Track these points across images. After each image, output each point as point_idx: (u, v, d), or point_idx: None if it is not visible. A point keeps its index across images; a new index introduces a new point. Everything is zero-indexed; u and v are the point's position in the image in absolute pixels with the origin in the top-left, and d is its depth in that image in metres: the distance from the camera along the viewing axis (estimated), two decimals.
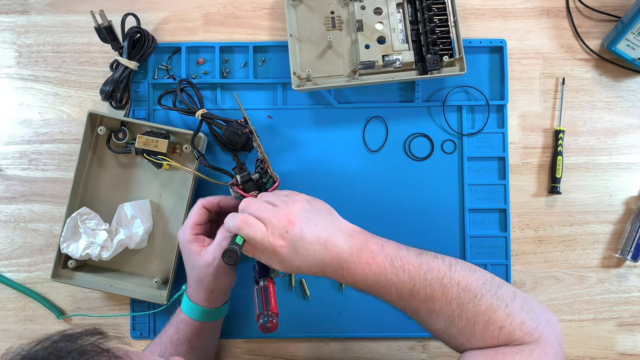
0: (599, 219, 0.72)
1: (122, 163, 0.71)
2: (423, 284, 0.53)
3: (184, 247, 0.62)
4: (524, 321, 0.52)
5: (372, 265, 0.54)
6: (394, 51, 0.66)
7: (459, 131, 0.71)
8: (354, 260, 0.54)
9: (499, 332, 0.51)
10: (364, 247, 0.55)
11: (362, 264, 0.54)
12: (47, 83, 0.73)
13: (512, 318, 0.51)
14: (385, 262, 0.54)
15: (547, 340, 0.52)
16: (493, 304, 0.52)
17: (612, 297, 0.72)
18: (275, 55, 0.72)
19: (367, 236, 0.56)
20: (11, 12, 0.73)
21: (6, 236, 0.73)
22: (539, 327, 0.52)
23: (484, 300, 0.52)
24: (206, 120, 0.67)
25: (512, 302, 0.53)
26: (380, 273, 0.53)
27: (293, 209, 0.54)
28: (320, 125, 0.72)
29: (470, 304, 0.52)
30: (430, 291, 0.53)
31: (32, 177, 0.73)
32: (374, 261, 0.54)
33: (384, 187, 0.70)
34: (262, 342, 0.72)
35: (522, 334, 0.51)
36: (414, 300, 0.53)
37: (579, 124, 0.72)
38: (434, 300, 0.53)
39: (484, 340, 0.52)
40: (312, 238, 0.53)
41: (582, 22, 0.72)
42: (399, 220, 0.71)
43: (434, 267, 0.54)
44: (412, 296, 0.53)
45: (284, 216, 0.54)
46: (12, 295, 0.73)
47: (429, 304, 0.53)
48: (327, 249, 0.54)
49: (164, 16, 0.73)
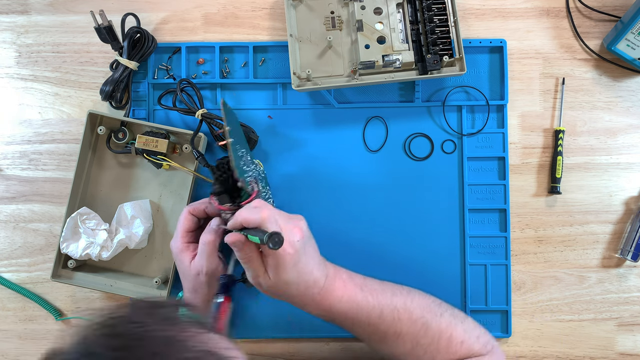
0: (599, 219, 0.72)
1: (122, 163, 0.71)
2: (390, 307, 0.57)
3: (176, 257, 0.63)
4: (479, 335, 0.59)
5: (345, 292, 0.57)
6: (394, 51, 0.66)
7: (459, 131, 0.71)
8: (330, 285, 0.56)
9: (460, 346, 0.57)
10: (337, 275, 0.58)
11: (336, 290, 0.57)
12: (47, 83, 0.73)
13: (469, 333, 0.58)
14: (355, 288, 0.57)
15: (497, 350, 0.60)
16: (452, 322, 0.58)
17: (612, 297, 0.72)
18: (275, 55, 0.72)
19: (335, 266, 0.59)
20: (11, 12, 0.73)
21: (6, 236, 0.73)
22: (490, 340, 0.60)
23: (444, 318, 0.58)
24: (206, 120, 0.67)
25: (465, 320, 0.60)
26: (352, 299, 0.57)
27: (301, 224, 0.56)
28: (320, 125, 0.72)
29: (433, 322, 0.58)
30: (397, 314, 0.57)
31: (32, 177, 0.73)
32: (346, 288, 0.57)
33: (383, 187, 0.70)
34: (262, 342, 0.72)
35: (479, 347, 0.58)
36: (382, 324, 0.57)
37: (579, 124, 0.72)
38: (400, 322, 0.57)
39: (448, 355, 0.57)
40: (308, 257, 0.55)
41: (582, 22, 0.72)
42: (398, 220, 0.71)
43: (397, 292, 0.59)
44: (381, 320, 0.57)
45: (295, 227, 0.54)
46: (12, 295, 0.73)
47: (396, 326, 0.57)
48: (312, 273, 0.55)
49: (164, 16, 0.73)
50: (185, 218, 0.63)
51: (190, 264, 0.61)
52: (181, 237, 0.62)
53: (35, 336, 0.72)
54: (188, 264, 0.62)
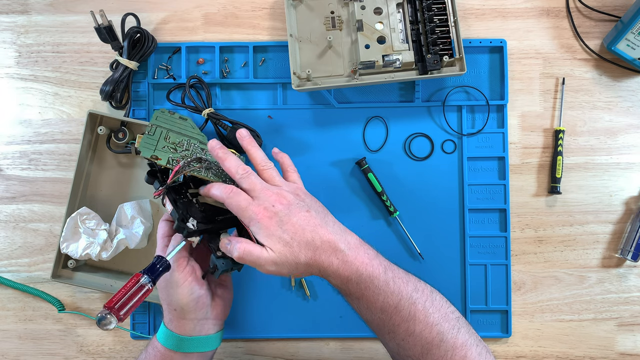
0: (599, 219, 0.72)
1: (122, 163, 0.71)
2: (408, 301, 0.52)
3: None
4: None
5: (367, 266, 0.52)
6: (394, 51, 0.66)
7: (459, 131, 0.71)
8: (351, 253, 0.52)
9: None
10: (362, 245, 0.54)
11: (359, 260, 0.52)
12: (47, 83, 0.73)
13: (482, 357, 0.52)
14: (380, 267, 0.53)
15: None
16: (467, 341, 0.52)
17: (612, 297, 0.72)
18: (275, 55, 0.72)
19: (362, 240, 0.55)
20: (11, 12, 0.73)
21: (6, 236, 0.73)
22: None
23: (460, 334, 0.52)
24: (212, 120, 0.67)
25: (480, 343, 0.53)
26: (374, 276, 0.52)
27: (284, 192, 0.54)
28: (320, 125, 0.72)
29: (449, 335, 0.52)
30: (413, 310, 0.52)
31: (32, 177, 0.73)
32: (370, 262, 0.53)
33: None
34: (262, 342, 0.72)
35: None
36: (396, 316, 0.52)
37: (579, 124, 0.72)
38: (415, 321, 0.52)
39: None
40: (300, 218, 0.53)
41: (582, 22, 0.72)
42: (398, 220, 0.71)
43: (420, 287, 0.54)
44: (396, 311, 0.52)
45: (273, 194, 0.54)
46: (12, 295, 0.73)
47: (409, 323, 0.52)
48: (316, 232, 0.52)
49: (164, 16, 0.73)
50: (160, 226, 0.61)
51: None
52: (160, 242, 0.60)
53: (36, 336, 0.72)
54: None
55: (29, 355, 0.72)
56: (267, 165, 0.58)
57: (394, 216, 0.70)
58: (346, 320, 0.71)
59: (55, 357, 0.72)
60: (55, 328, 0.72)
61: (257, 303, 0.71)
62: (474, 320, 0.71)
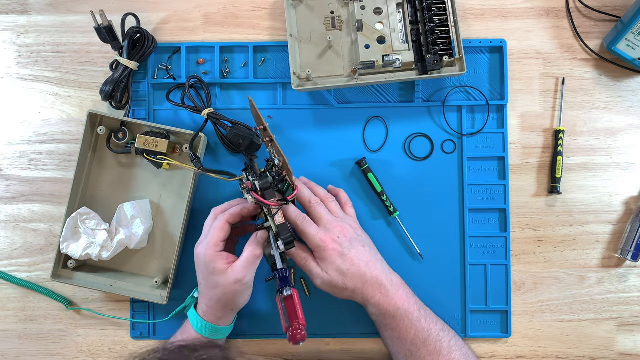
0: (599, 219, 0.72)
1: (122, 163, 0.71)
2: (436, 338, 0.61)
3: (208, 266, 0.60)
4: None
5: (404, 302, 0.61)
6: (394, 51, 0.66)
7: (459, 131, 0.71)
8: (393, 289, 0.62)
9: None
10: (402, 285, 0.63)
11: (398, 297, 0.61)
12: (47, 83, 0.73)
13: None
14: (415, 305, 0.62)
15: None
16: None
17: (612, 297, 0.72)
18: (275, 55, 0.72)
19: (402, 280, 0.64)
20: (11, 12, 0.73)
21: (6, 236, 0.73)
22: None
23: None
24: (212, 120, 0.67)
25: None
26: (410, 312, 0.61)
27: (346, 226, 0.63)
28: (320, 125, 0.72)
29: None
30: (439, 346, 0.61)
31: (32, 177, 0.73)
32: (407, 300, 0.62)
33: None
34: (262, 342, 0.72)
35: None
36: (423, 349, 0.61)
37: (579, 124, 0.72)
38: (440, 356, 0.60)
39: None
40: (358, 252, 0.61)
41: (582, 22, 0.72)
42: (398, 220, 0.71)
43: (446, 328, 0.63)
44: (424, 345, 0.61)
45: (339, 226, 0.62)
46: (12, 295, 0.73)
47: (434, 356, 0.60)
48: (369, 267, 0.61)
49: (164, 16, 0.73)
50: (222, 228, 0.61)
51: (227, 272, 0.60)
52: (214, 246, 0.60)
53: (36, 336, 0.73)
54: (224, 272, 0.60)
55: (29, 355, 0.72)
56: (330, 198, 0.66)
57: (394, 216, 0.70)
58: (346, 320, 0.71)
59: (55, 357, 0.72)
60: (55, 328, 0.72)
61: (257, 303, 0.71)
62: (474, 320, 0.71)
